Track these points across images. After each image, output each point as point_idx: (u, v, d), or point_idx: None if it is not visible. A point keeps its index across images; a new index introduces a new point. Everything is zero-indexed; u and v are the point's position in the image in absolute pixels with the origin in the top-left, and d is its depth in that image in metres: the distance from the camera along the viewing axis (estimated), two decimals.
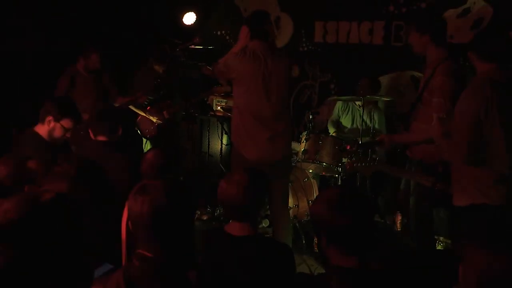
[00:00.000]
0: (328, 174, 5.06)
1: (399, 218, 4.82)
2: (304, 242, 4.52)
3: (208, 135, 5.82)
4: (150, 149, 2.87)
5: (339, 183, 4.81)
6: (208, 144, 5.84)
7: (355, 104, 5.34)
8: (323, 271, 4.03)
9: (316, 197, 1.89)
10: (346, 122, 5.49)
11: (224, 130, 5.60)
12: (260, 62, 3.52)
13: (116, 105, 4.91)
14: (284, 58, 3.72)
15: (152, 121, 5.01)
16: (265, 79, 3.53)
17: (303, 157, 4.75)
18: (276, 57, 3.61)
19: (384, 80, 5.61)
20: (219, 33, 6.69)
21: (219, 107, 5.36)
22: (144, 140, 5.23)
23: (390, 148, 3.77)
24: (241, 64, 3.53)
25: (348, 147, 4.57)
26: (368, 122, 5.00)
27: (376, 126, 5.10)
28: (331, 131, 5.49)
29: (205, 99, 5.38)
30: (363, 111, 4.77)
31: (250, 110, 3.57)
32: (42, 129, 3.26)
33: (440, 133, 2.93)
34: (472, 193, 2.75)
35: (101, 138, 3.25)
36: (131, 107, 4.92)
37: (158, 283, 1.53)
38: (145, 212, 1.56)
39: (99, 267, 1.85)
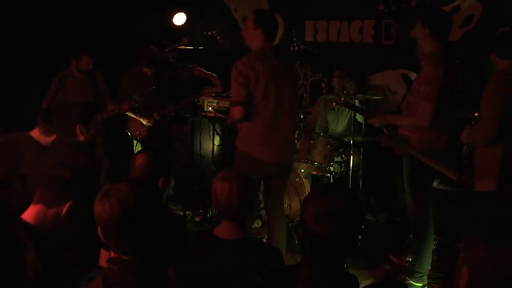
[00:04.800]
0: (320, 174, 5.06)
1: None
2: (296, 242, 4.52)
3: (200, 136, 5.81)
4: (139, 152, 2.85)
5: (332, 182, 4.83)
6: (200, 145, 5.83)
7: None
8: None
9: (308, 194, 1.84)
10: (332, 124, 5.50)
11: (216, 131, 5.59)
12: (273, 63, 3.46)
13: (109, 112, 4.86)
14: (289, 62, 3.72)
15: (142, 123, 4.99)
16: (275, 80, 3.44)
17: (294, 156, 4.75)
18: (282, 60, 3.56)
19: (375, 78, 5.63)
20: (209, 33, 6.69)
21: (210, 108, 5.34)
22: (135, 142, 5.22)
23: (384, 128, 3.80)
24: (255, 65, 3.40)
25: (334, 104, 4.69)
26: (358, 119, 5.01)
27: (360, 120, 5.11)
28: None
29: (196, 100, 5.37)
30: (354, 110, 4.77)
31: (264, 116, 3.47)
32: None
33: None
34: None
35: None
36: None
37: (137, 284, 1.53)
38: (115, 215, 1.55)
39: (87, 273, 1.85)
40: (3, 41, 4.92)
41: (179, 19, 6.10)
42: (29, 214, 1.87)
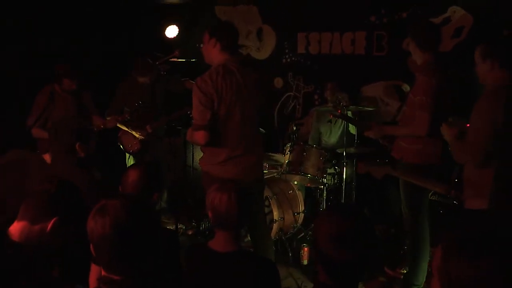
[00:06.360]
0: (313, 186, 5.03)
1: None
2: (290, 255, 4.47)
3: (192, 149, 5.75)
4: (131, 168, 2.78)
5: (325, 195, 4.79)
6: (192, 158, 5.77)
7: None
8: (311, 284, 3.99)
9: (321, 215, 1.76)
10: (325, 135, 5.48)
11: None
12: (235, 77, 3.22)
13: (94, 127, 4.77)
14: (256, 73, 3.41)
15: (135, 136, 4.94)
16: (240, 95, 3.22)
17: (287, 169, 4.72)
18: (248, 71, 3.30)
19: (367, 89, 5.62)
20: (201, 45, 6.65)
21: None
22: (127, 155, 5.16)
23: (380, 139, 3.79)
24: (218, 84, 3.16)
25: (331, 116, 4.65)
26: (351, 130, 4.98)
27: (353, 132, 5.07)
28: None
29: (188, 112, 5.32)
30: (345, 123, 4.75)
31: (228, 138, 3.29)
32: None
33: (453, 136, 2.97)
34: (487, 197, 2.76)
35: None
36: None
37: None
38: (108, 233, 1.51)
39: None
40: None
41: (171, 31, 6.09)
42: (13, 231, 1.81)
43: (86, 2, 5.54)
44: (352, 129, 4.95)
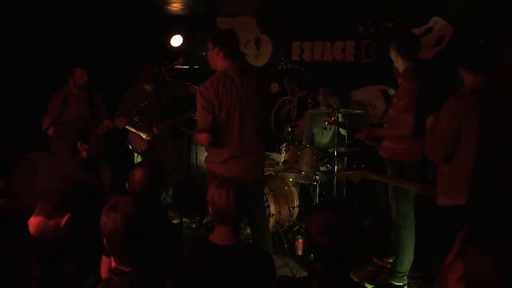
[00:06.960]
0: (307, 182, 5.04)
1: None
2: (286, 246, 4.48)
3: (196, 149, 5.78)
4: (136, 167, 2.75)
5: (318, 191, 4.80)
6: (196, 157, 5.79)
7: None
8: (305, 273, 4.00)
9: (314, 208, 1.79)
10: (318, 136, 5.49)
11: None
12: (235, 84, 3.19)
13: (104, 128, 4.74)
14: (256, 80, 3.33)
15: (142, 137, 4.94)
16: (239, 100, 3.20)
17: (283, 167, 4.73)
18: (248, 78, 3.26)
19: (357, 94, 5.63)
20: (204, 53, 6.66)
21: None
22: (136, 154, 5.16)
23: (366, 140, 3.82)
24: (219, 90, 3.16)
25: (326, 123, 4.67)
26: (342, 132, 4.99)
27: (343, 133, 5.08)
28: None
29: (192, 115, 5.33)
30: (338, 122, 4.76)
31: (229, 140, 3.26)
32: None
33: (430, 128, 2.96)
34: (454, 194, 2.77)
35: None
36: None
37: None
38: (120, 228, 1.53)
39: (83, 280, 1.81)
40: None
41: (176, 41, 6.10)
42: (30, 225, 1.82)
43: (86, 2, 5.48)
44: (343, 130, 4.96)
